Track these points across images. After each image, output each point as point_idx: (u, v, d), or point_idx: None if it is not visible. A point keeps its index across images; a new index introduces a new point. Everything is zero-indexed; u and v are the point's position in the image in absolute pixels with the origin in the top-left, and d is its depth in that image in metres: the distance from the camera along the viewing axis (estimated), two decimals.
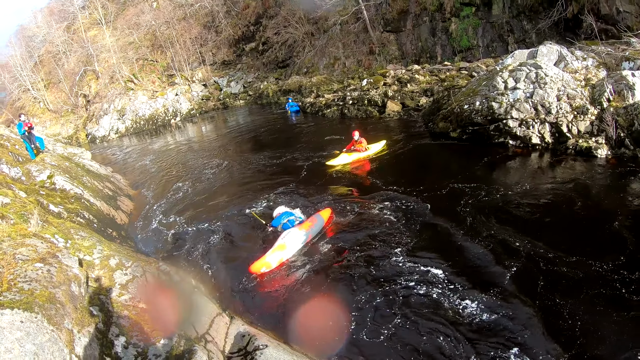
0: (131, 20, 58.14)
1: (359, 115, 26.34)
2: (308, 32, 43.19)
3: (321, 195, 14.75)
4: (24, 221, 8.32)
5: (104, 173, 21.68)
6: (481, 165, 14.58)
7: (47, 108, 56.73)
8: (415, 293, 8.37)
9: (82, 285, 6.33)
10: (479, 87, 17.58)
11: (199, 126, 41.20)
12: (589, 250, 8.71)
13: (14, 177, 14.76)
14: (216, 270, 11.08)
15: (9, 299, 4.84)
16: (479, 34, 30.19)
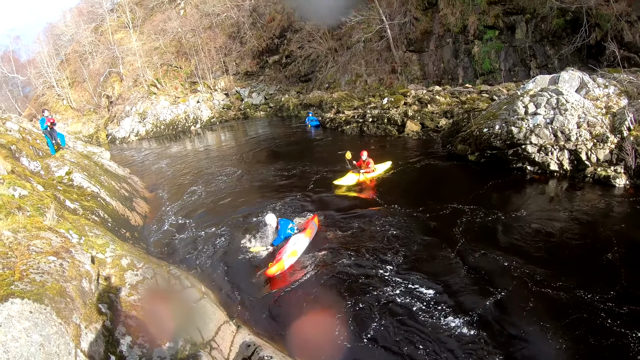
0: (158, 25, 58.86)
1: (377, 133, 26.28)
2: (331, 48, 43.40)
3: (325, 209, 14.88)
4: (40, 214, 8.40)
5: (122, 174, 21.85)
6: (496, 190, 14.45)
7: (70, 106, 57.60)
8: (409, 309, 8.37)
9: (93, 282, 6.37)
10: (499, 111, 17.45)
11: (218, 134, 41.43)
12: (594, 280, 8.62)
13: (33, 170, 14.94)
14: (226, 278, 11.07)
15: (20, 288, 4.88)
16: (502, 58, 30.10)
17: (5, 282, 4.90)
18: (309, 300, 9.39)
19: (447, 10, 32.87)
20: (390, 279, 9.67)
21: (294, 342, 8.14)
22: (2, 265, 5.23)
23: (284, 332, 8.50)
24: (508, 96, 19.33)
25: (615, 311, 7.61)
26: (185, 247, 13.42)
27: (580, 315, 7.64)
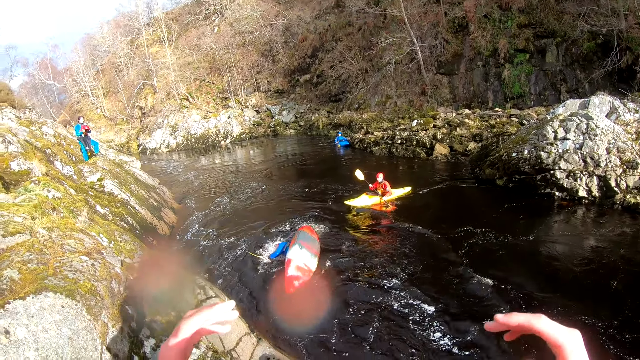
0: (192, 41, 60.12)
1: (406, 155, 26.19)
2: (362, 69, 43.61)
3: (340, 225, 15.24)
4: (73, 216, 8.60)
5: (151, 183, 22.20)
6: (522, 215, 14.17)
7: (103, 115, 59.03)
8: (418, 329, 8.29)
9: (122, 284, 6.49)
10: (528, 135, 17.27)
11: (248, 150, 41.86)
12: (615, 310, 8.38)
13: (66, 174, 15.29)
14: (249, 290, 11.17)
15: (53, 283, 5.00)
16: (532, 82, 29.85)
17: (39, 277, 5.03)
18: (326, 316, 9.37)
19: (477, 33, 32.92)
20: (404, 298, 9.65)
21: (312, 358, 8.15)
22: (37, 261, 5.37)
23: (304, 347, 8.49)
24: (537, 120, 19.13)
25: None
26: (210, 258, 13.60)
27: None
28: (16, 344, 4.18)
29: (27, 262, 5.28)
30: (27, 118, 20.36)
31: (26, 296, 4.62)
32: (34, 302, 4.61)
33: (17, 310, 4.43)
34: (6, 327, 4.22)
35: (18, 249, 5.67)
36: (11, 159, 12.07)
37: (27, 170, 11.95)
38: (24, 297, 4.59)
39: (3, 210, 6.73)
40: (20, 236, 6.12)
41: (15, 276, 4.95)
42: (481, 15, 32.86)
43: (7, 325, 4.25)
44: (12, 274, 4.96)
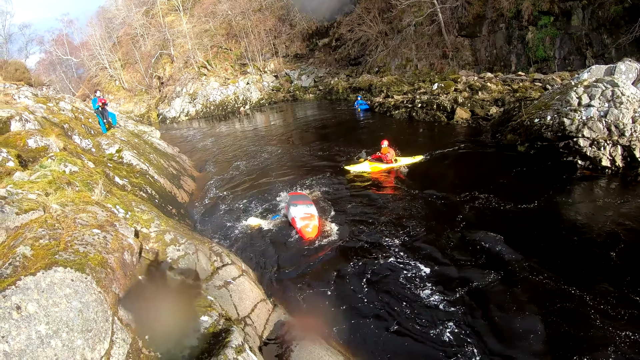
0: (208, 8, 59.61)
1: (426, 119, 25.79)
2: (382, 32, 42.89)
3: (349, 188, 15.75)
4: (89, 189, 8.69)
5: (171, 152, 22.38)
6: (542, 182, 13.83)
7: (122, 86, 59.28)
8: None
9: (135, 255, 6.56)
10: (551, 101, 16.82)
11: (267, 116, 41.86)
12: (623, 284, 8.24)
13: (85, 147, 15.47)
14: (266, 256, 11.32)
15: (63, 258, 5.07)
16: (556, 45, 28.90)
17: (50, 252, 5.11)
18: (347, 286, 9.42)
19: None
20: (406, 259, 9.73)
21: (327, 325, 8.21)
22: (49, 236, 5.45)
23: (319, 315, 8.56)
24: (561, 86, 18.59)
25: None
26: (229, 225, 13.75)
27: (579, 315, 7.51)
28: (27, 319, 4.27)
29: (40, 238, 5.36)
30: (44, 95, 20.59)
31: (37, 272, 4.70)
32: (44, 278, 4.69)
33: (28, 286, 4.50)
34: (17, 303, 4.30)
35: (31, 226, 5.75)
36: (28, 137, 12.21)
37: (44, 146, 12.09)
38: (35, 273, 4.67)
39: (18, 188, 6.82)
40: (34, 213, 6.20)
41: (28, 253, 5.03)
42: None
43: (19, 301, 4.33)
44: (25, 251, 5.03)
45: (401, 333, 7.70)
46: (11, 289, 4.38)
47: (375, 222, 12.35)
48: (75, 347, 4.45)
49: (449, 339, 7.37)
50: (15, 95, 18.67)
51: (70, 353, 4.37)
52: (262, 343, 7.22)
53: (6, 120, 13.37)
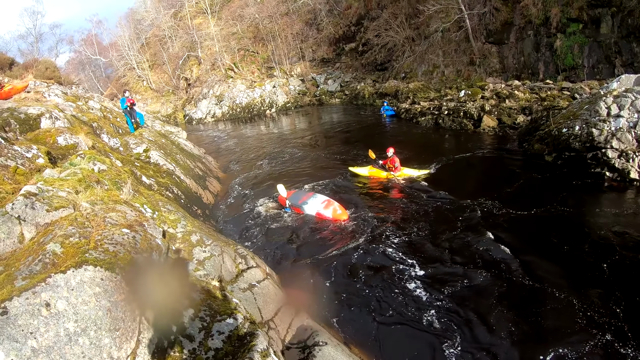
0: (235, 11, 60.14)
1: (453, 127, 25.51)
2: (409, 37, 42.70)
3: (367, 191, 15.90)
4: (117, 188, 8.78)
5: (197, 153, 22.58)
6: (567, 193, 13.50)
7: (149, 87, 60.16)
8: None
9: (162, 256, 6.61)
10: (580, 110, 16.52)
11: (293, 119, 42.02)
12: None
13: (113, 146, 15.69)
14: (290, 260, 11.36)
15: (94, 256, 5.13)
16: (585, 53, 28.34)
17: (80, 250, 5.17)
18: (370, 292, 9.37)
19: (528, 1, 31.29)
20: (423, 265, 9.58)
21: (350, 331, 8.21)
22: (79, 235, 5.52)
23: (342, 320, 8.57)
24: (590, 95, 18.29)
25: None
26: (254, 227, 13.84)
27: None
28: (56, 316, 4.33)
29: (70, 236, 5.42)
30: (73, 93, 20.93)
31: (67, 270, 4.76)
32: (75, 276, 4.74)
33: (58, 284, 4.56)
34: (47, 300, 4.37)
35: (61, 223, 5.83)
36: (58, 134, 12.42)
37: (73, 144, 12.28)
38: (65, 271, 4.73)
39: (48, 185, 6.92)
40: (64, 210, 6.28)
41: (58, 250, 5.09)
42: None
43: (48, 298, 4.39)
44: (55, 248, 5.10)
45: (427, 343, 7.64)
46: (41, 285, 4.45)
47: (400, 227, 12.30)
48: (102, 345, 4.50)
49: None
50: (46, 93, 19.01)
51: (97, 351, 4.42)
52: (285, 347, 7.21)
53: (36, 117, 13.61)
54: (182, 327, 5.85)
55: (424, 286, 9.18)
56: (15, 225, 5.75)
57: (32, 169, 8.52)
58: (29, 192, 6.36)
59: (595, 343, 7.00)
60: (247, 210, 15.48)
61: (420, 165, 17.78)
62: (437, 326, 7.92)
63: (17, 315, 4.10)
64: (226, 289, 7.49)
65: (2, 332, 3.95)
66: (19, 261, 5.03)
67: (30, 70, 24.39)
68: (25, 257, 5.09)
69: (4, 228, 5.64)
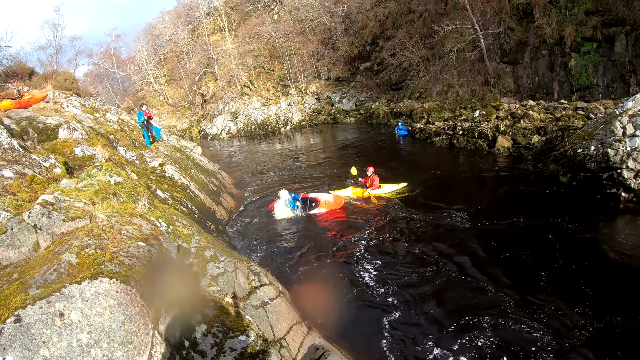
0: (252, 29, 60.84)
1: (467, 147, 25.36)
2: (423, 57, 42.75)
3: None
4: (133, 201, 8.83)
5: (212, 169, 22.67)
6: (582, 214, 13.21)
7: (166, 101, 60.93)
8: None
9: (177, 270, 6.62)
10: (595, 130, 16.38)
11: (307, 137, 42.09)
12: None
13: (129, 159, 15.82)
14: (302, 278, 11.28)
15: (109, 269, 5.15)
16: (599, 73, 28.17)
17: (96, 262, 5.19)
18: (384, 312, 9.28)
19: (542, 20, 31.32)
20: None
21: (361, 351, 8.12)
22: (95, 246, 5.54)
23: (354, 340, 8.48)
24: (605, 115, 18.16)
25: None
26: (267, 244, 13.83)
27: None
28: (70, 326, 4.33)
29: (85, 247, 5.45)
30: (91, 105, 21.17)
31: (82, 280, 4.78)
32: (90, 287, 4.76)
33: (73, 294, 4.58)
34: (61, 310, 4.37)
35: (77, 234, 5.86)
36: (75, 145, 12.54)
37: (90, 155, 12.40)
38: (80, 282, 4.75)
39: (65, 195, 6.97)
40: (80, 221, 6.32)
41: (73, 260, 5.11)
42: (546, 1, 31.27)
43: (63, 308, 4.40)
44: (70, 258, 5.12)
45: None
46: (56, 295, 4.47)
47: (413, 246, 12.23)
48: (114, 358, 4.50)
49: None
50: (64, 104, 19.25)
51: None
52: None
53: (54, 127, 13.80)
54: (194, 342, 5.84)
55: (439, 306, 9.12)
56: (31, 233, 5.80)
57: (49, 178, 8.60)
58: (46, 202, 6.41)
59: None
60: (261, 227, 15.50)
61: (441, 189, 17.74)
62: (451, 347, 7.83)
63: (30, 324, 4.12)
64: (239, 306, 7.47)
65: (15, 340, 3.96)
66: (34, 270, 5.06)
67: (49, 80, 24.77)
68: (40, 265, 5.12)
69: (19, 236, 5.69)
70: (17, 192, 7.11)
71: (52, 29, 62.52)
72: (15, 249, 5.58)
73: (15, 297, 4.42)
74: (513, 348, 7.58)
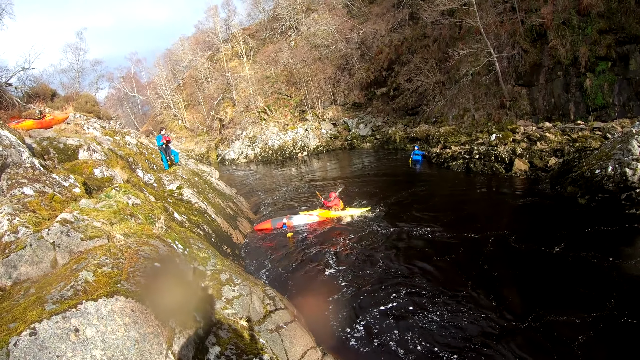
0: (269, 56, 61.77)
1: (484, 171, 25.17)
2: (439, 81, 42.89)
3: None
4: (150, 223, 8.92)
5: (229, 193, 22.80)
6: (600, 236, 13.03)
7: (184, 126, 61.92)
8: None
9: (192, 292, 6.66)
10: (612, 150, 16.25)
11: (324, 162, 42.16)
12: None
13: (147, 182, 16.02)
14: (318, 303, 11.18)
15: (125, 287, 5.21)
16: (615, 92, 27.94)
17: (112, 280, 5.26)
18: (394, 335, 9.22)
19: (556, 41, 31.27)
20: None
21: None
22: (112, 265, 5.62)
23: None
24: (622, 134, 18.04)
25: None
26: (282, 269, 13.81)
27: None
28: (84, 343, 4.38)
29: (103, 266, 5.52)
30: (111, 128, 21.52)
31: (98, 298, 4.84)
32: (105, 305, 4.82)
33: (89, 311, 4.64)
34: (77, 326, 4.43)
35: (95, 252, 5.95)
36: (95, 166, 12.75)
37: (109, 177, 12.59)
38: (96, 299, 4.81)
39: (84, 215, 7.08)
40: (98, 240, 6.42)
41: (90, 278, 5.18)
42: (559, 22, 31.35)
43: (78, 324, 4.46)
44: (87, 276, 5.19)
45: None
46: (72, 311, 4.53)
47: (429, 267, 12.21)
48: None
49: None
50: (85, 125, 19.60)
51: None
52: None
53: (75, 148, 14.07)
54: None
55: (464, 335, 9.01)
56: (50, 250, 5.90)
57: (68, 198, 8.73)
58: (65, 220, 6.53)
59: None
60: (276, 252, 15.50)
61: (458, 215, 17.56)
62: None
63: (45, 338, 4.18)
64: (254, 329, 7.49)
65: (29, 353, 4.02)
66: (51, 285, 5.14)
67: (70, 102, 25.26)
68: (57, 282, 5.21)
69: (38, 252, 5.80)
70: (36, 209, 7.24)
71: (74, 52, 64.09)
72: (34, 264, 5.68)
73: (32, 311, 4.49)
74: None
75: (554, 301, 9.71)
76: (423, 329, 9.19)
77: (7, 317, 4.52)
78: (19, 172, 8.75)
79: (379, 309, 10.34)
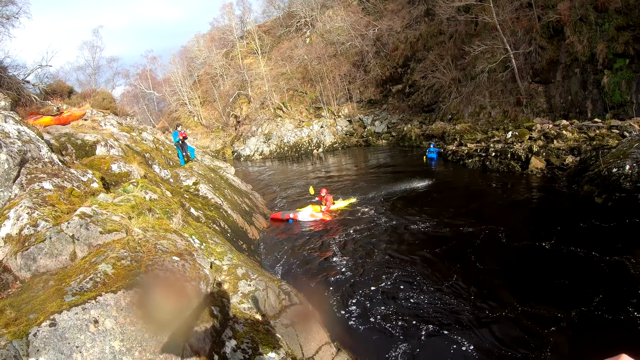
0: (285, 53, 61.73)
1: (500, 169, 24.99)
2: (455, 78, 42.56)
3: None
4: (168, 218, 9.02)
5: (244, 189, 22.92)
6: (617, 236, 12.81)
7: (200, 122, 62.23)
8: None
9: (210, 286, 6.72)
10: (630, 149, 16.09)
11: (340, 159, 42.19)
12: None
13: (163, 177, 16.15)
14: (334, 298, 11.28)
15: (144, 280, 5.29)
16: (633, 89, 27.38)
17: (132, 273, 5.33)
18: (411, 332, 9.24)
19: (573, 38, 30.79)
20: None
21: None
22: (131, 258, 5.70)
23: None
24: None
25: None
26: (298, 264, 13.93)
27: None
28: (103, 333, 4.45)
29: (121, 259, 5.60)
30: (128, 124, 21.71)
31: (118, 290, 4.90)
32: (125, 297, 4.88)
33: (108, 303, 4.71)
34: (96, 317, 4.50)
35: (114, 246, 6.02)
36: (112, 162, 12.88)
37: (126, 172, 12.71)
38: (116, 291, 4.88)
39: (102, 209, 7.17)
40: (117, 234, 6.50)
41: (109, 271, 5.26)
42: (576, 18, 30.80)
43: (97, 315, 4.53)
44: (107, 269, 5.27)
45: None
46: (91, 302, 4.60)
47: (443, 268, 12.21)
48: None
49: None
50: (102, 122, 19.86)
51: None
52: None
53: (92, 144, 14.24)
54: (224, 356, 5.91)
55: (482, 334, 8.99)
56: (69, 243, 5.99)
57: (86, 192, 8.85)
58: (84, 214, 6.62)
59: None
60: (292, 248, 15.58)
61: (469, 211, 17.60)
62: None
63: (65, 329, 4.26)
64: (269, 324, 7.54)
65: (49, 343, 4.10)
66: (70, 277, 5.23)
67: (87, 99, 25.53)
68: (76, 274, 5.29)
69: (57, 245, 5.89)
70: (55, 203, 7.35)
71: (91, 50, 64.80)
72: (53, 257, 5.78)
73: (51, 302, 4.58)
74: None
75: (567, 300, 9.68)
76: (441, 330, 9.19)
77: (27, 308, 4.62)
78: (38, 167, 8.87)
79: (395, 309, 10.33)
